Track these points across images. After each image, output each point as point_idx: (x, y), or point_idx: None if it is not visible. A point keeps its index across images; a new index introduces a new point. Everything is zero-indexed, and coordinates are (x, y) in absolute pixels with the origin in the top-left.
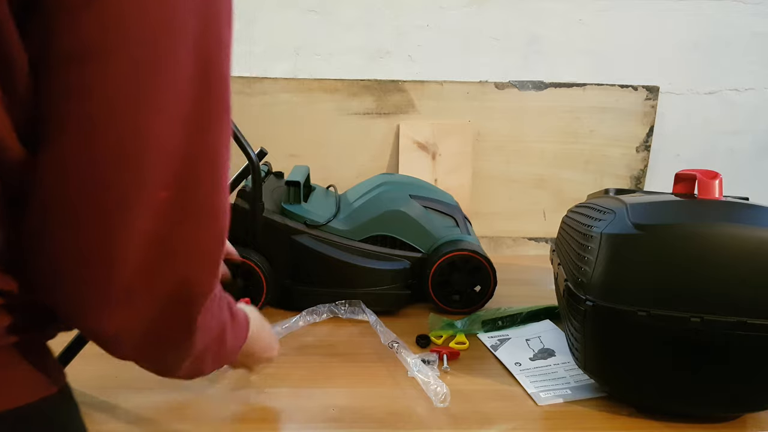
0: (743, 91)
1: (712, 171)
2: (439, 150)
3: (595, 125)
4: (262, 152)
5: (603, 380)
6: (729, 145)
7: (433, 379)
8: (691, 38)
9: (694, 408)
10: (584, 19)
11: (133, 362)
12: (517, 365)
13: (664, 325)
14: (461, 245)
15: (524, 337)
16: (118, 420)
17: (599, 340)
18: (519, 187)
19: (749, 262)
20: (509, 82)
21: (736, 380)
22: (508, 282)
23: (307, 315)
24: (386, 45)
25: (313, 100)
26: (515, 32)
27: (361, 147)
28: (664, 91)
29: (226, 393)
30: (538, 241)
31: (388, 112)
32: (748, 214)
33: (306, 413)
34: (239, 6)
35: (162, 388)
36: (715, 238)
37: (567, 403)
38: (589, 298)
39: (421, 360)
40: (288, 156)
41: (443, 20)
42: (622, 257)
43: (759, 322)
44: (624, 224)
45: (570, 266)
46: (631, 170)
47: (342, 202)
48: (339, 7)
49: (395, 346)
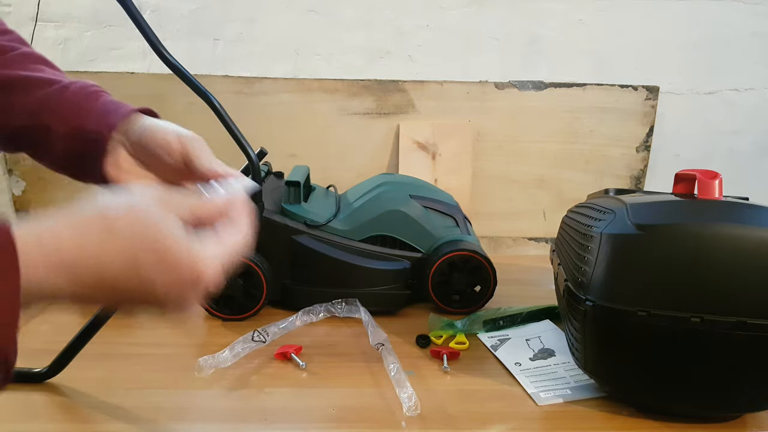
0: (743, 91)
1: (712, 171)
2: (439, 150)
3: (595, 125)
4: (262, 152)
5: (603, 380)
6: (729, 145)
7: (405, 388)
8: (691, 38)
9: (695, 408)
10: (584, 19)
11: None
12: (517, 365)
13: (665, 325)
14: (461, 245)
15: (524, 337)
16: (118, 420)
17: (599, 340)
18: (519, 187)
19: (750, 262)
20: (509, 82)
21: (736, 380)
22: (508, 282)
23: (304, 315)
24: (386, 45)
25: (313, 100)
26: (515, 32)
27: (361, 147)
28: (664, 91)
29: (225, 393)
30: (538, 241)
31: (388, 112)
32: (748, 214)
33: (305, 413)
34: (239, 6)
35: (162, 388)
36: (715, 238)
37: (567, 403)
38: (589, 298)
39: (399, 368)
40: (288, 156)
41: (443, 20)
42: (623, 257)
43: (759, 322)
44: (624, 224)
45: (570, 266)
46: (631, 170)
47: (342, 202)
48: (339, 7)
49: (381, 349)
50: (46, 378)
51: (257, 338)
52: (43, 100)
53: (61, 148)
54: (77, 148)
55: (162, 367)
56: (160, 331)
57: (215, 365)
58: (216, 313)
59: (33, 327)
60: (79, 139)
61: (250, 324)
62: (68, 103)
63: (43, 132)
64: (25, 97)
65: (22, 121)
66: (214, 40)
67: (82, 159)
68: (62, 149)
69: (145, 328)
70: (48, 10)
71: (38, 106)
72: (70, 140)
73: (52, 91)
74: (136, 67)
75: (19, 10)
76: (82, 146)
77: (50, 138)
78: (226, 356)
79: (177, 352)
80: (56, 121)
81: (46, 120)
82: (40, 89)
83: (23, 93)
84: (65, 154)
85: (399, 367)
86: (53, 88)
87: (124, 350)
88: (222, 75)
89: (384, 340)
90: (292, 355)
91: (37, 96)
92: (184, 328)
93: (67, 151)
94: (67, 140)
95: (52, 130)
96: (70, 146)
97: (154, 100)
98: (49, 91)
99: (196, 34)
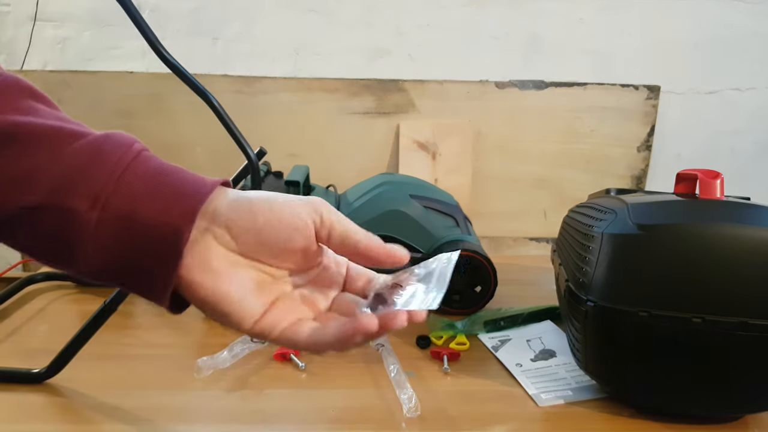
0: (744, 91)
1: (713, 171)
2: (439, 150)
3: (596, 125)
4: (262, 152)
5: (604, 381)
6: (730, 145)
7: (405, 389)
8: (691, 38)
9: (696, 409)
10: (585, 19)
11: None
12: (517, 366)
13: (666, 326)
14: (462, 245)
15: (525, 338)
16: (117, 420)
17: (600, 340)
18: (519, 187)
19: (751, 262)
20: (510, 81)
21: (738, 381)
22: (509, 282)
23: None
24: (386, 44)
25: (313, 99)
26: (515, 32)
27: (361, 147)
28: (665, 90)
29: (225, 393)
30: (539, 241)
31: (388, 111)
32: (749, 214)
33: (305, 414)
34: (239, 5)
35: (161, 389)
36: (716, 238)
37: (568, 404)
38: (590, 298)
39: (399, 368)
40: (288, 156)
41: (443, 19)
42: (624, 257)
43: (760, 322)
44: (625, 224)
45: (571, 266)
46: (632, 170)
47: (342, 202)
48: (339, 6)
49: (381, 349)
50: (45, 378)
51: (256, 339)
52: (57, 166)
53: (97, 250)
54: (129, 249)
55: (161, 368)
56: (160, 331)
57: (214, 366)
58: None
59: (32, 327)
60: (133, 235)
61: None
62: (106, 172)
63: (65, 222)
64: (26, 159)
65: (22, 201)
66: (214, 40)
67: (137, 265)
68: (100, 253)
69: (144, 329)
70: (47, 9)
71: (53, 178)
72: (115, 239)
73: (76, 149)
74: (135, 66)
75: (18, 9)
76: (137, 246)
77: (78, 236)
78: (225, 357)
79: (176, 353)
80: (85, 203)
81: (69, 202)
82: (50, 147)
83: (22, 151)
84: (106, 261)
85: (399, 368)
86: (75, 146)
87: (124, 350)
88: (221, 74)
89: (384, 340)
90: (291, 356)
91: (47, 158)
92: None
93: (108, 257)
94: (108, 237)
95: (78, 220)
96: (115, 247)
97: (153, 99)
98: (69, 150)
99: (196, 33)
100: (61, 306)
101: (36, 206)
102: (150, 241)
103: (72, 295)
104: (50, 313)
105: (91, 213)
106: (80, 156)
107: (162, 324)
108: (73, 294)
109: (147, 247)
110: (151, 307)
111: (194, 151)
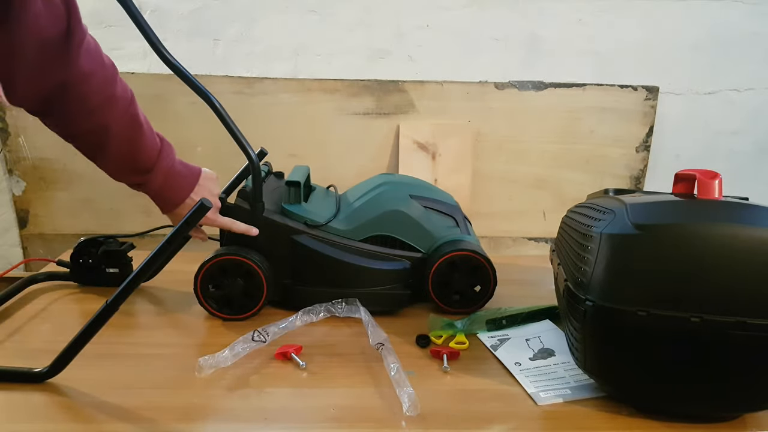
0: (743, 91)
1: (711, 171)
2: (439, 150)
3: (595, 125)
4: (262, 152)
5: (603, 380)
6: (729, 145)
7: (405, 388)
8: (691, 38)
9: (694, 408)
10: (584, 19)
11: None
12: (516, 365)
13: (664, 325)
14: (461, 245)
15: (524, 337)
16: (118, 420)
17: (599, 340)
18: (519, 187)
19: (749, 262)
20: (509, 82)
21: (736, 380)
22: (508, 282)
23: (304, 315)
24: (386, 45)
25: (312, 100)
26: (515, 32)
27: (361, 147)
28: (663, 91)
29: (225, 393)
30: (538, 241)
31: (388, 112)
32: (747, 214)
33: (305, 413)
34: (239, 6)
35: (163, 387)
36: (715, 238)
37: (567, 403)
38: (588, 298)
39: (399, 367)
40: (288, 156)
41: (443, 20)
42: (622, 257)
43: (759, 322)
44: (624, 224)
45: (570, 266)
46: (631, 170)
47: (342, 202)
48: (339, 7)
49: (381, 349)
50: (47, 378)
51: (257, 338)
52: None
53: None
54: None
55: (163, 367)
56: (161, 331)
57: (215, 365)
58: (216, 313)
59: (34, 326)
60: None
61: (250, 324)
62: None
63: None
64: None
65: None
66: (215, 40)
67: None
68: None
69: (145, 328)
70: None
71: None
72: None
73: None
74: (136, 67)
75: None
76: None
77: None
78: (226, 356)
79: (177, 352)
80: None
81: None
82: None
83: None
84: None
85: (399, 367)
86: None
87: (124, 350)
88: (222, 75)
89: (384, 339)
90: (292, 355)
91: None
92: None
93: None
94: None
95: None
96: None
97: (154, 100)
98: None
99: (197, 34)
100: (63, 306)
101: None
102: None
103: (73, 295)
104: (52, 312)
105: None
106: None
107: (163, 323)
108: (74, 294)
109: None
110: (152, 306)
111: (195, 151)
